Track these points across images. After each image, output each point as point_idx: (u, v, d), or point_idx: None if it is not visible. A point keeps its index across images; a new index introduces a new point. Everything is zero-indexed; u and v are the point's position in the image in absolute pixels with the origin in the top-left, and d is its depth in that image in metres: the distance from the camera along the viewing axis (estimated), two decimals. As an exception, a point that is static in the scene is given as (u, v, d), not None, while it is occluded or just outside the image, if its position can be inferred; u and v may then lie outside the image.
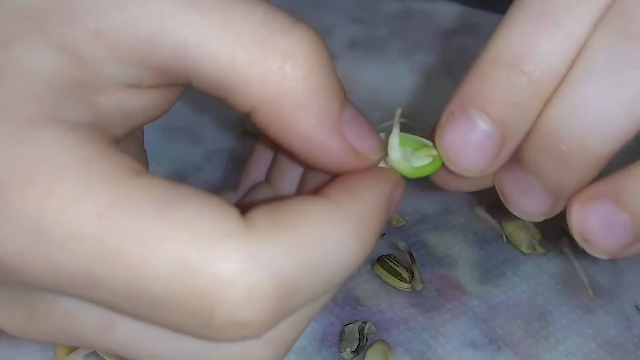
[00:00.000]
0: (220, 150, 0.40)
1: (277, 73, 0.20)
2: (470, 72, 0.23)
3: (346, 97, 0.22)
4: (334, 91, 0.21)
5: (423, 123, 0.40)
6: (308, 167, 0.25)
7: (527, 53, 0.22)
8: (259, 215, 0.19)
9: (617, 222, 0.22)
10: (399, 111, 0.24)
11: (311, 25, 0.21)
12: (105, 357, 0.26)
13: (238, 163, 0.39)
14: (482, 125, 0.23)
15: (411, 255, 0.31)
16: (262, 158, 0.29)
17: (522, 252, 0.34)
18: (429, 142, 0.25)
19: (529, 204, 0.25)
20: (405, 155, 0.24)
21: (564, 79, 0.22)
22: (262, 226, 0.18)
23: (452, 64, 0.45)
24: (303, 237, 0.19)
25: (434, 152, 0.24)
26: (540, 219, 0.25)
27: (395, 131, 0.23)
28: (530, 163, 0.24)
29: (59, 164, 0.18)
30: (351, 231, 0.20)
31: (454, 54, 0.46)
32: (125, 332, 0.20)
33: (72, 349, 0.27)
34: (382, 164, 0.24)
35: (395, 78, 0.44)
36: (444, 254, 0.34)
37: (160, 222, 0.18)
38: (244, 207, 0.19)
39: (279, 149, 0.27)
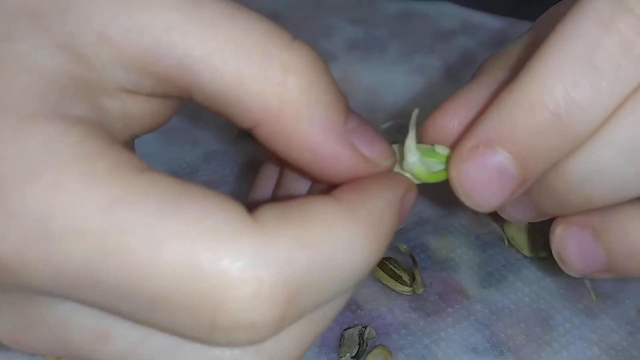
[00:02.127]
0: (217, 151, 0.39)
1: (279, 85, 0.20)
2: (502, 106, 0.22)
3: (349, 107, 0.22)
4: (336, 101, 0.21)
5: (422, 124, 0.39)
6: (318, 181, 0.25)
7: (566, 103, 0.21)
8: (267, 213, 0.18)
9: (593, 252, 0.24)
10: (415, 112, 0.24)
11: (310, 26, 0.21)
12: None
13: (234, 165, 0.39)
14: (509, 167, 0.22)
15: (413, 258, 0.31)
16: (267, 180, 0.29)
17: (524, 256, 0.34)
18: (440, 150, 0.25)
19: (514, 212, 0.26)
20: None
21: (596, 131, 0.21)
22: (270, 223, 0.18)
23: (452, 65, 0.45)
24: (313, 236, 0.18)
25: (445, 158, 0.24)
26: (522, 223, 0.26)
27: (412, 134, 0.23)
28: (532, 194, 0.24)
29: (64, 159, 0.17)
30: (362, 232, 0.19)
31: (453, 55, 0.46)
32: (120, 343, 0.19)
33: (65, 354, 0.26)
34: (397, 170, 0.24)
35: (394, 79, 0.44)
36: (445, 258, 0.33)
37: (167, 219, 0.17)
38: (250, 209, 0.19)
39: (287, 167, 0.27)
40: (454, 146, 0.24)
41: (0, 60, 0.18)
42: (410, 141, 0.23)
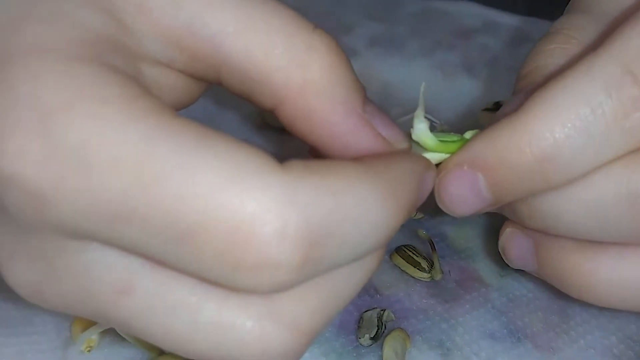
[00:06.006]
0: (239, 142, 0.40)
1: (303, 64, 0.21)
2: (494, 136, 0.23)
3: (366, 95, 0.23)
4: (356, 85, 0.22)
5: (442, 120, 0.40)
6: None
7: (551, 154, 0.22)
8: (293, 163, 0.19)
9: (529, 259, 0.27)
10: (423, 86, 0.25)
11: (331, 22, 0.23)
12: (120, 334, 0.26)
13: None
14: (483, 190, 0.24)
15: (432, 244, 0.31)
16: None
17: (542, 246, 0.34)
18: (455, 137, 0.25)
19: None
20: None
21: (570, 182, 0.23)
22: (297, 170, 0.19)
23: (472, 62, 0.45)
24: (336, 184, 0.19)
25: (456, 139, 0.25)
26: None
27: (421, 105, 0.24)
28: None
29: (105, 94, 0.18)
30: (383, 190, 0.20)
31: (473, 53, 0.46)
32: (143, 297, 0.19)
33: (88, 325, 0.27)
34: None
35: (414, 75, 0.44)
36: (463, 247, 0.34)
37: (200, 152, 0.18)
38: None
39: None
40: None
41: (47, 15, 0.19)
42: (419, 111, 0.24)
